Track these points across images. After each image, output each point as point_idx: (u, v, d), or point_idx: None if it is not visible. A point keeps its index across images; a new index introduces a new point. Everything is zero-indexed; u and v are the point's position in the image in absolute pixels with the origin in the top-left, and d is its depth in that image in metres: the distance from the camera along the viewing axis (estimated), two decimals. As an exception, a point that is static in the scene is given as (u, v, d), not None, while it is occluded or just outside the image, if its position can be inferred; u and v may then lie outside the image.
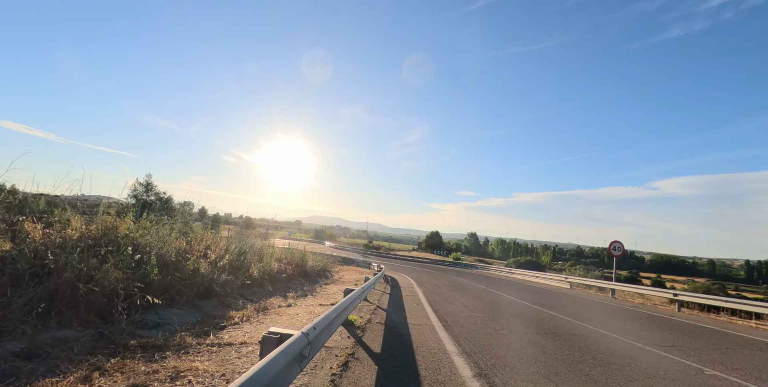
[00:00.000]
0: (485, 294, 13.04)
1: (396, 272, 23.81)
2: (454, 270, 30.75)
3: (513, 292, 14.30)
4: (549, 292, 15.90)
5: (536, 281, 21.67)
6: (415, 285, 15.19)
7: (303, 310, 7.50)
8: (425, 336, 5.59)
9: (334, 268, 26.19)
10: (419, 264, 36.82)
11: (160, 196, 14.97)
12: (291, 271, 13.46)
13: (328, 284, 14.64)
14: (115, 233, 6.54)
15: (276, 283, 11.56)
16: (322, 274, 18.12)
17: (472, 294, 12.73)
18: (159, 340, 4.62)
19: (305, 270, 15.53)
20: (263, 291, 10.05)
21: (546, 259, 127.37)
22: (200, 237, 9.93)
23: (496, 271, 28.72)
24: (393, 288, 13.55)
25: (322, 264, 19.83)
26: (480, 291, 14.16)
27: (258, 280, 10.29)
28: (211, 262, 8.19)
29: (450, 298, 11.11)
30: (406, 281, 17.14)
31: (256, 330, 5.56)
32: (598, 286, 17.51)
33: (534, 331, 6.56)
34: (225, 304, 7.58)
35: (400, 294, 11.55)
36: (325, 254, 34.57)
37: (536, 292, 15.59)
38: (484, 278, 22.79)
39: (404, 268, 29.10)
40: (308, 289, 12.17)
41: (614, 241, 17.04)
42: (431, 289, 13.91)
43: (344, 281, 16.17)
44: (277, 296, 9.67)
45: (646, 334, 7.35)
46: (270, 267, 11.46)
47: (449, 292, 13.05)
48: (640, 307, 12.48)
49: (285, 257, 14.51)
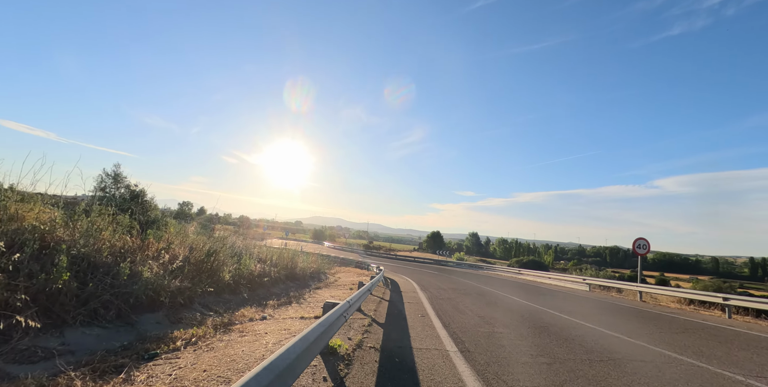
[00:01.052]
0: (499, 299, 11.33)
1: (396, 274, 22.12)
2: (458, 271, 29.03)
3: (530, 297, 12.59)
4: (570, 296, 14.17)
5: (549, 283, 19.95)
6: (417, 289, 13.49)
7: (276, 327, 5.81)
8: (439, 371, 3.88)
9: (331, 270, 24.50)
10: (421, 265, 35.11)
11: (132, 189, 13.27)
12: (276, 273, 11.78)
13: (320, 288, 12.95)
14: (18, 224, 4.86)
15: (256, 289, 9.88)
16: (315, 277, 16.44)
17: (484, 300, 11.03)
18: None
19: (294, 272, 13.84)
20: (236, 299, 8.37)
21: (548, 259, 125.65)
22: (160, 234, 8.26)
23: (503, 272, 26.98)
24: (393, 293, 11.86)
25: (315, 265, 18.15)
26: (492, 296, 12.45)
27: (231, 286, 8.61)
28: (162, 263, 6.49)
29: (460, 305, 9.40)
30: (407, 284, 15.44)
31: (197, 362, 3.87)
32: (619, 288, 15.79)
33: (586, 358, 4.84)
34: (176, 318, 5.89)
35: (401, 301, 9.86)
36: (322, 255, 32.87)
37: (555, 296, 13.87)
38: (492, 280, 21.08)
39: (405, 269, 27.41)
40: (295, 294, 10.48)
41: (639, 238, 15.32)
42: (436, 293, 12.20)
43: (339, 285, 14.48)
44: (251, 305, 7.98)
45: (743, 360, 5.63)
46: (248, 269, 9.77)
47: (458, 297, 11.34)
48: (682, 313, 10.76)
49: (270, 258, 12.82)
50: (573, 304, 11.29)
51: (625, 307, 11.24)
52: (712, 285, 46.81)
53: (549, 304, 10.64)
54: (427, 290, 13.04)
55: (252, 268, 10.24)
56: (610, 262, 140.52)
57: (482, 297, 11.78)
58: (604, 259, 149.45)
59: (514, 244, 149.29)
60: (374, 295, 10.80)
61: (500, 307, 9.42)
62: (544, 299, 12.10)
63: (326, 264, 27.72)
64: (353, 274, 22.51)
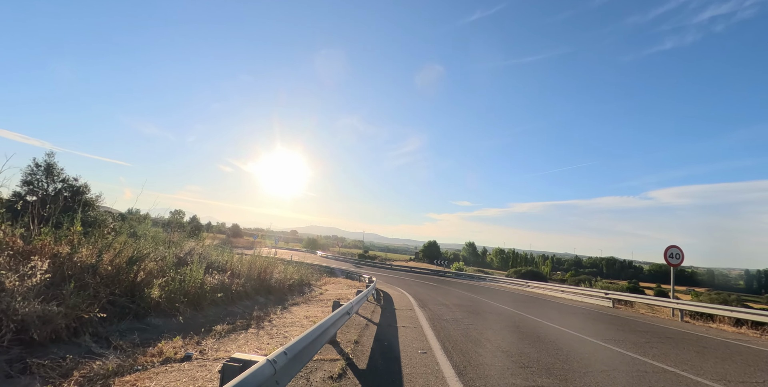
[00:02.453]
0: (520, 322, 9.06)
1: (391, 286, 19.77)
2: (458, 282, 26.66)
3: (555, 317, 10.32)
4: (599, 315, 11.88)
5: (563, 297, 17.65)
6: (415, 305, 11.20)
7: (189, 378, 3.56)
8: None
9: (319, 281, 22.10)
10: (418, 275, 32.70)
11: (70, 184, 11.01)
12: (239, 286, 9.48)
13: (297, 305, 10.63)
14: None
15: (205, 308, 7.58)
16: (296, 290, 14.10)
17: (501, 321, 8.76)
18: None
19: (268, 285, 11.53)
20: (167, 324, 6.08)
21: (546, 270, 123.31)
22: (62, 234, 6.01)
23: (508, 284, 24.62)
24: (385, 311, 9.57)
25: (298, 276, 15.80)
26: (507, 315, 10.19)
27: (162, 305, 6.32)
28: (23, 276, 4.23)
29: (473, 331, 7.14)
30: (402, 299, 13.15)
31: None
32: (649, 304, 13.55)
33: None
34: (17, 367, 3.62)
35: (394, 324, 7.58)
36: (312, 264, 30.46)
37: (583, 315, 11.59)
38: (498, 293, 18.77)
39: (401, 280, 25.02)
40: (260, 314, 8.17)
41: (671, 247, 13.20)
42: (438, 311, 9.93)
43: (323, 299, 12.16)
44: (185, 334, 5.69)
45: None
46: (196, 282, 7.49)
47: (466, 317, 9.06)
48: (750, 340, 8.56)
49: (235, 267, 10.52)
50: (618, 330, 8.89)
51: (691, 336, 8.84)
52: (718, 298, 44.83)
53: (589, 331, 8.27)
54: (426, 307, 10.76)
55: (203, 281, 7.95)
56: (606, 273, 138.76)
57: (497, 317, 9.52)
58: (600, 269, 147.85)
59: (512, 254, 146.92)
60: (361, 314, 8.53)
61: (526, 335, 7.17)
62: (575, 321, 9.81)
63: (314, 274, 25.30)
64: (343, 285, 20.14)
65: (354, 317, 7.96)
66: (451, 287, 20.84)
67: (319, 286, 18.98)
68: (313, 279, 22.37)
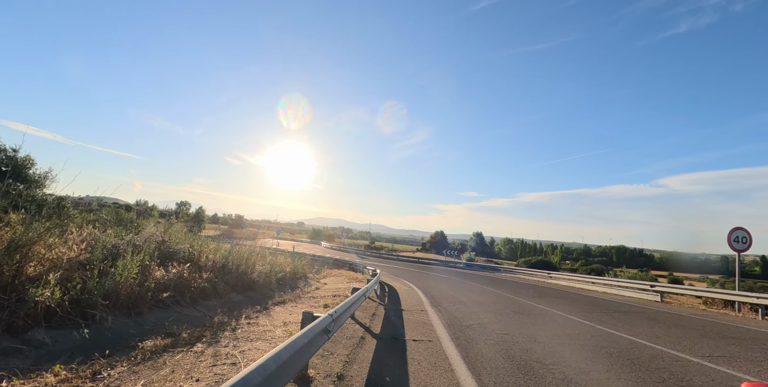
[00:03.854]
0: (573, 328, 6.91)
1: (397, 279, 17.78)
2: (470, 274, 24.59)
3: (615, 321, 8.14)
4: (660, 314, 9.57)
5: (596, 290, 15.43)
6: (426, 303, 9.14)
7: None
8: None
9: (320, 274, 20.19)
10: (426, 266, 30.71)
11: (8, 155, 9.06)
12: (206, 281, 7.49)
13: (282, 303, 8.65)
14: None
15: (146, 312, 5.59)
16: (288, 284, 12.16)
17: (547, 330, 6.62)
18: None
19: (249, 279, 9.56)
20: (62, 340, 4.08)
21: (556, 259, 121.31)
22: None
23: (526, 275, 22.43)
24: (389, 313, 7.52)
25: (291, 268, 13.84)
26: (551, 319, 8.05)
27: (59, 312, 4.31)
28: None
29: (516, 351, 5.01)
30: (411, 295, 11.11)
31: None
32: (713, 298, 11.32)
33: None
34: None
35: (401, 337, 5.50)
36: (315, 255, 28.61)
37: (641, 315, 9.38)
38: (519, 286, 16.66)
39: (408, 271, 23.04)
40: (224, 320, 6.15)
41: (736, 229, 10.90)
42: (457, 313, 7.84)
43: (317, 297, 10.18)
44: (79, 358, 3.69)
45: None
46: (127, 278, 5.48)
47: (497, 324, 6.95)
48: None
49: (206, 258, 8.52)
50: (709, 338, 6.59)
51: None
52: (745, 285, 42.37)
53: (677, 343, 6.03)
54: (440, 306, 8.70)
55: (146, 275, 5.95)
56: (616, 262, 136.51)
57: (534, 321, 7.41)
58: (610, 258, 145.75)
59: (520, 244, 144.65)
60: (357, 319, 6.49)
61: (601, 353, 5.04)
62: (642, 327, 7.52)
63: (314, 266, 23.40)
64: (344, 278, 18.19)
65: (347, 325, 5.92)
66: (464, 279, 18.79)
67: (317, 279, 17.05)
68: (313, 271, 20.48)
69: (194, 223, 52.44)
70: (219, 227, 70.06)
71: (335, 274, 20.38)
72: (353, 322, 6.29)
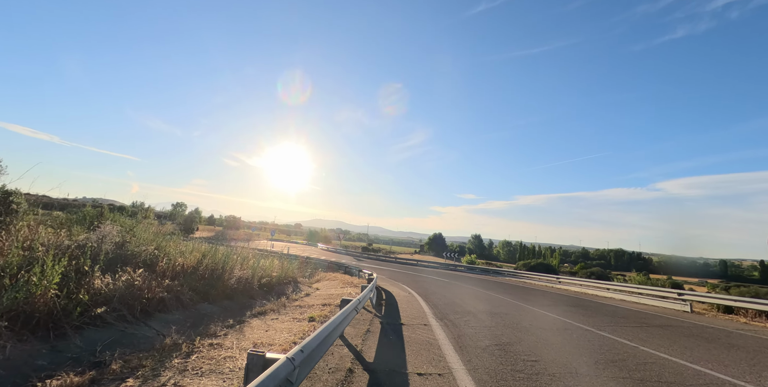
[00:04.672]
0: (625, 352, 5.68)
1: (396, 283, 16.51)
2: (472, 277, 23.32)
3: (664, 343, 6.86)
4: (703, 330, 8.34)
5: (615, 298, 14.16)
6: (429, 315, 7.87)
7: None
8: None
9: (313, 277, 18.91)
10: (425, 269, 29.42)
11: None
12: (166, 289, 6.20)
13: (263, 315, 7.39)
14: None
15: (71, 334, 4.31)
16: (275, 290, 10.89)
17: (589, 356, 5.40)
18: None
19: (226, 285, 8.28)
20: None
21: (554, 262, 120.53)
22: None
23: (533, 280, 21.17)
24: (386, 331, 6.24)
25: (279, 272, 12.54)
26: (588, 340, 6.82)
27: None
28: None
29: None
30: (411, 303, 9.84)
31: None
32: (759, 309, 10.06)
33: None
34: None
35: (402, 369, 4.22)
36: (310, 258, 27.23)
37: (684, 331, 8.18)
38: (532, 293, 15.41)
39: (407, 275, 21.76)
40: (178, 342, 4.87)
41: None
42: (468, 329, 6.59)
43: (305, 305, 8.91)
44: None
45: None
46: (38, 291, 4.20)
47: (520, 344, 5.70)
48: None
49: (174, 261, 7.23)
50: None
51: None
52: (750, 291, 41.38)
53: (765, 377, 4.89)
54: (446, 319, 7.44)
55: (72, 285, 4.68)
56: (614, 265, 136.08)
57: (559, 338, 6.18)
58: (608, 262, 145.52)
59: (519, 246, 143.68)
60: (347, 339, 5.24)
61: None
62: (691, 348, 6.22)
63: (307, 269, 22.04)
64: (338, 282, 16.89)
65: (334, 348, 4.67)
66: (467, 284, 17.54)
67: (309, 283, 15.76)
68: (306, 274, 19.17)
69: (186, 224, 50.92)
70: (214, 229, 68.49)
71: (329, 277, 19.08)
72: (342, 343, 5.03)
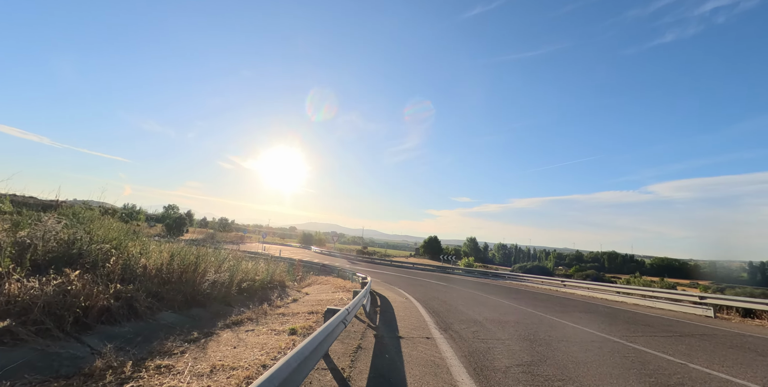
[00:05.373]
0: (666, 369, 4.63)
1: (391, 287, 15.42)
2: (471, 281, 22.28)
3: (703, 356, 5.80)
4: (737, 338, 7.22)
5: (628, 302, 13.18)
6: (431, 325, 6.81)
7: None
8: None
9: (304, 281, 17.77)
10: (421, 273, 28.35)
11: None
12: (110, 296, 5.09)
13: (238, 325, 6.29)
14: None
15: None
16: (259, 295, 9.79)
17: (631, 377, 4.39)
18: None
19: (197, 290, 7.17)
20: None
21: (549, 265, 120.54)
22: None
23: (536, 284, 20.15)
24: (380, 348, 5.16)
25: (264, 275, 11.41)
26: (616, 349, 5.81)
27: None
28: None
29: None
30: (409, 311, 8.76)
31: None
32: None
33: None
34: None
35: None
36: (302, 261, 26.06)
37: (716, 340, 7.19)
38: (537, 298, 14.41)
39: (403, 279, 20.68)
40: (112, 365, 3.74)
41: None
42: (479, 344, 5.54)
43: (289, 313, 7.80)
44: None
45: None
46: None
47: (550, 369, 4.68)
48: None
49: (134, 263, 6.09)
50: None
51: None
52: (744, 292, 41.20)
53: None
54: (450, 329, 6.39)
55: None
56: (608, 268, 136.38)
57: (588, 355, 5.16)
58: (602, 264, 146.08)
59: (514, 249, 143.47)
60: (332, 361, 4.16)
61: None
62: (738, 363, 5.16)
63: (299, 272, 20.89)
64: (330, 287, 15.76)
65: (314, 373, 3.60)
66: (467, 288, 16.50)
67: (298, 288, 14.63)
68: (295, 278, 18.02)
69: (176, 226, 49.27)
70: (206, 231, 66.81)
71: (321, 281, 17.96)
72: (325, 364, 3.96)
